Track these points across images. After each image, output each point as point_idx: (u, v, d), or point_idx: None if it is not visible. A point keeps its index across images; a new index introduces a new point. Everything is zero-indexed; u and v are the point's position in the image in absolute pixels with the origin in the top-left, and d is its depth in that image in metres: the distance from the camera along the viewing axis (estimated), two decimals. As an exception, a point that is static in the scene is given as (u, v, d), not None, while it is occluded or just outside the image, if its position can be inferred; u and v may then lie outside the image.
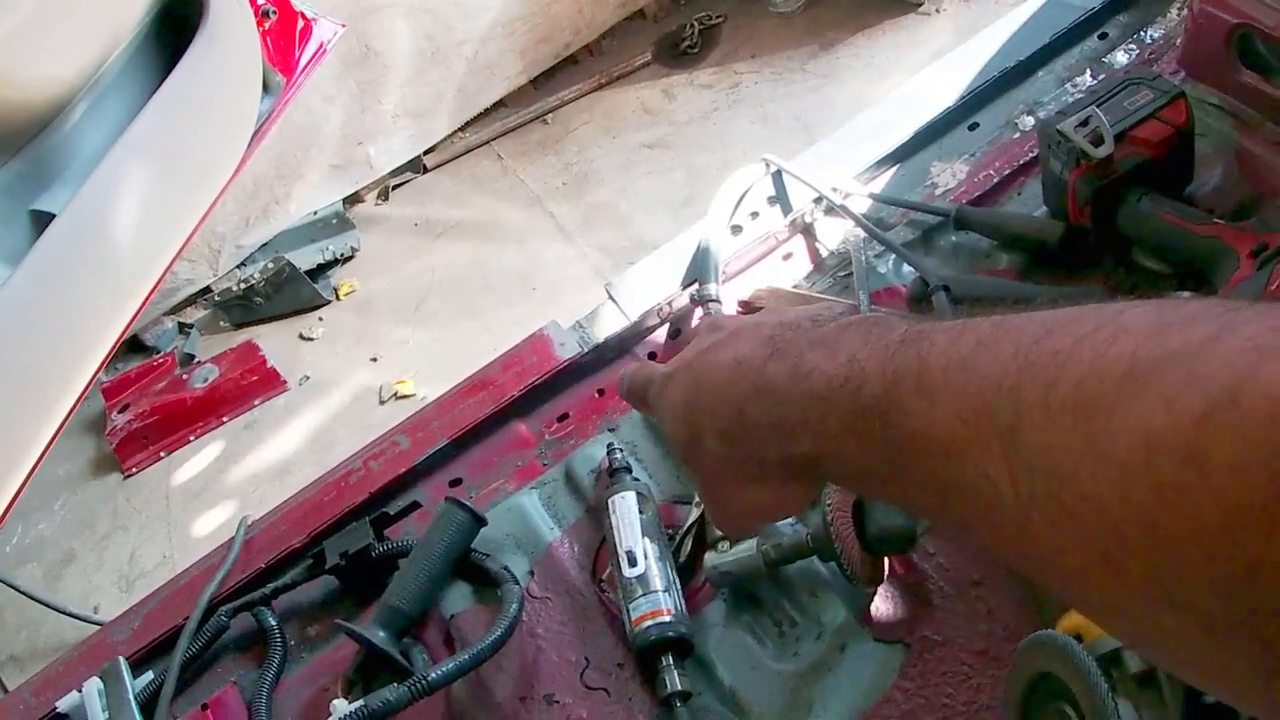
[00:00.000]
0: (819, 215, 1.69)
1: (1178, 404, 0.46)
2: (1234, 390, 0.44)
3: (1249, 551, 0.43)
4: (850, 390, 0.68)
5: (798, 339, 0.77)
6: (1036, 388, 0.54)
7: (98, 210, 1.55)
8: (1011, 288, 1.48)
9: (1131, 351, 0.50)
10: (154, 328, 4.85)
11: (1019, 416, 0.55)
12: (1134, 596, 0.50)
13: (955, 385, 0.60)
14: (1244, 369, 0.45)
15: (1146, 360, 0.49)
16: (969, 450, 0.59)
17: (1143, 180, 1.41)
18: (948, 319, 1.32)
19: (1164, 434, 0.46)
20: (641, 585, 1.28)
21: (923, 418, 0.62)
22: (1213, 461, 0.44)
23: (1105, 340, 0.52)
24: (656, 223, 4.43)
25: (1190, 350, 0.47)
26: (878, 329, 0.71)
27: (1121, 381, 0.49)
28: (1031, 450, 0.54)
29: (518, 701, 1.31)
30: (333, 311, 4.79)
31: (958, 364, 0.61)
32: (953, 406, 0.60)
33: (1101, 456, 0.49)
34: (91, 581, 4.09)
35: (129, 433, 4.36)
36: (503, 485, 1.55)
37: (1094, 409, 0.50)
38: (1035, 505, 0.54)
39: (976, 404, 0.58)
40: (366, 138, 5.04)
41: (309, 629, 1.50)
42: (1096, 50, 1.78)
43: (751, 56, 5.14)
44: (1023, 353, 0.56)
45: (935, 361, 0.63)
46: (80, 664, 1.56)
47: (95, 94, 1.67)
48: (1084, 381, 0.52)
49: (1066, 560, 0.54)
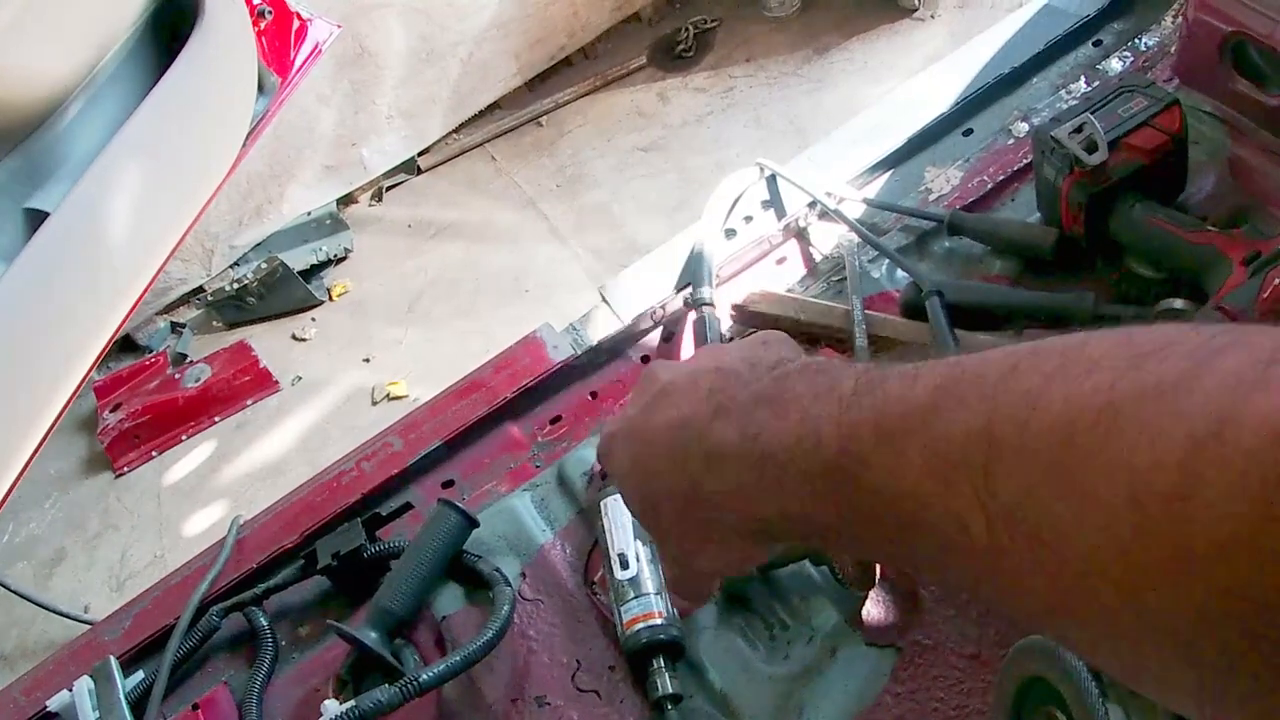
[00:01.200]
0: (813, 219, 1.70)
1: (1162, 439, 0.46)
2: (1218, 425, 0.44)
3: (1237, 584, 0.43)
4: (805, 450, 0.67)
5: (738, 394, 0.75)
6: (1009, 429, 0.53)
7: (91, 209, 1.55)
8: (1005, 294, 1.49)
9: (1108, 387, 0.49)
10: (146, 327, 4.84)
11: (992, 460, 0.54)
12: (1117, 631, 0.50)
13: (918, 433, 0.59)
14: (1227, 403, 0.44)
15: (1124, 396, 0.49)
16: (939, 496, 0.57)
17: (1136, 187, 1.41)
18: (940, 325, 1.33)
19: (1148, 471, 0.46)
20: (633, 588, 1.28)
21: (886, 470, 0.61)
22: (1200, 498, 0.44)
23: (1077, 376, 0.51)
24: (650, 225, 4.43)
25: (1170, 384, 0.47)
26: (823, 378, 0.69)
27: (1099, 418, 0.49)
28: (1007, 493, 0.53)
29: (509, 703, 1.31)
30: (326, 312, 4.79)
31: (917, 411, 0.60)
32: (918, 455, 0.59)
33: (1083, 495, 0.49)
34: (82, 581, 4.08)
35: (121, 432, 4.35)
36: (495, 487, 1.55)
37: (1072, 447, 0.50)
38: (1012, 545, 0.54)
39: (944, 450, 0.57)
40: (360, 138, 5.03)
41: (300, 629, 1.50)
42: (1091, 57, 1.78)
43: (746, 60, 5.13)
44: (989, 394, 0.56)
45: (893, 410, 0.62)
46: (70, 663, 1.55)
47: (90, 92, 1.67)
48: (1059, 420, 0.51)
49: (1045, 598, 0.54)
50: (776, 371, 0.74)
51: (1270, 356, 0.45)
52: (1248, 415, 0.43)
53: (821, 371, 0.71)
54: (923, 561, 0.64)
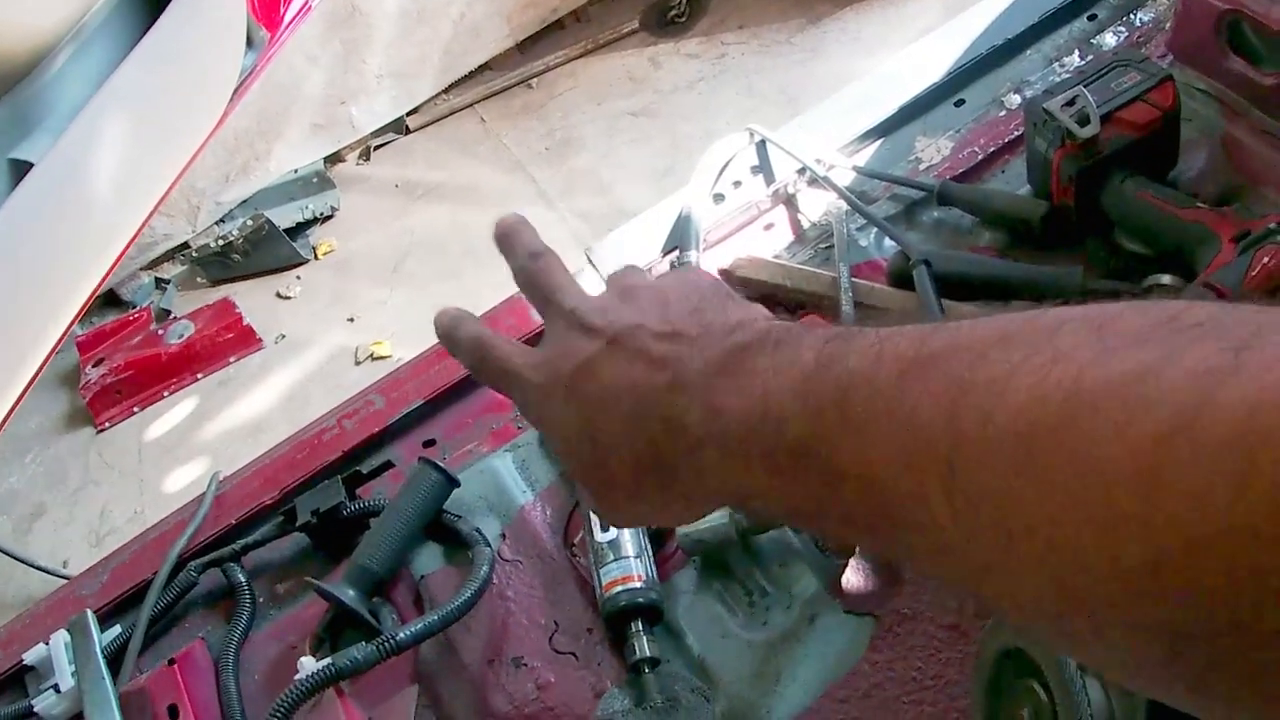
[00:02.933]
0: (802, 186, 1.69)
1: (1131, 430, 0.45)
2: (1190, 414, 0.43)
3: (1211, 577, 0.42)
4: (770, 430, 0.65)
5: (693, 362, 0.72)
6: (973, 418, 0.53)
7: (77, 160, 1.53)
8: (993, 265, 1.48)
9: (1074, 376, 0.49)
10: (130, 282, 4.83)
11: (956, 449, 0.53)
12: (1088, 621, 0.49)
13: (883, 420, 0.58)
14: (1197, 392, 0.44)
15: (1091, 387, 0.48)
16: (905, 484, 0.56)
17: (1127, 162, 1.41)
18: (927, 294, 1.32)
19: (1116, 462, 0.45)
20: (613, 551, 1.28)
21: (851, 454, 0.60)
22: (1171, 488, 0.43)
23: (1043, 365, 0.50)
24: (638, 190, 4.42)
25: (1138, 374, 0.46)
26: (784, 350, 0.68)
27: (1064, 408, 0.48)
28: (972, 483, 0.53)
29: (486, 664, 1.31)
30: (311, 270, 4.77)
31: (882, 394, 0.58)
32: (884, 442, 0.58)
33: (1049, 487, 0.48)
34: (61, 536, 4.07)
35: (103, 387, 4.34)
36: (477, 447, 1.55)
37: (1037, 438, 0.49)
38: (980, 536, 0.53)
39: (908, 438, 0.56)
40: (349, 97, 5.01)
41: (278, 586, 1.50)
42: (1085, 31, 1.77)
43: (739, 28, 5.12)
44: (954, 382, 0.55)
45: (856, 393, 0.60)
46: (47, 617, 1.55)
47: (77, 43, 1.65)
48: (1024, 410, 0.50)
49: (1015, 588, 0.53)
50: (735, 338, 0.72)
51: (1242, 341, 0.44)
52: (1219, 403, 0.43)
53: (781, 344, 0.69)
54: (892, 547, 0.63)
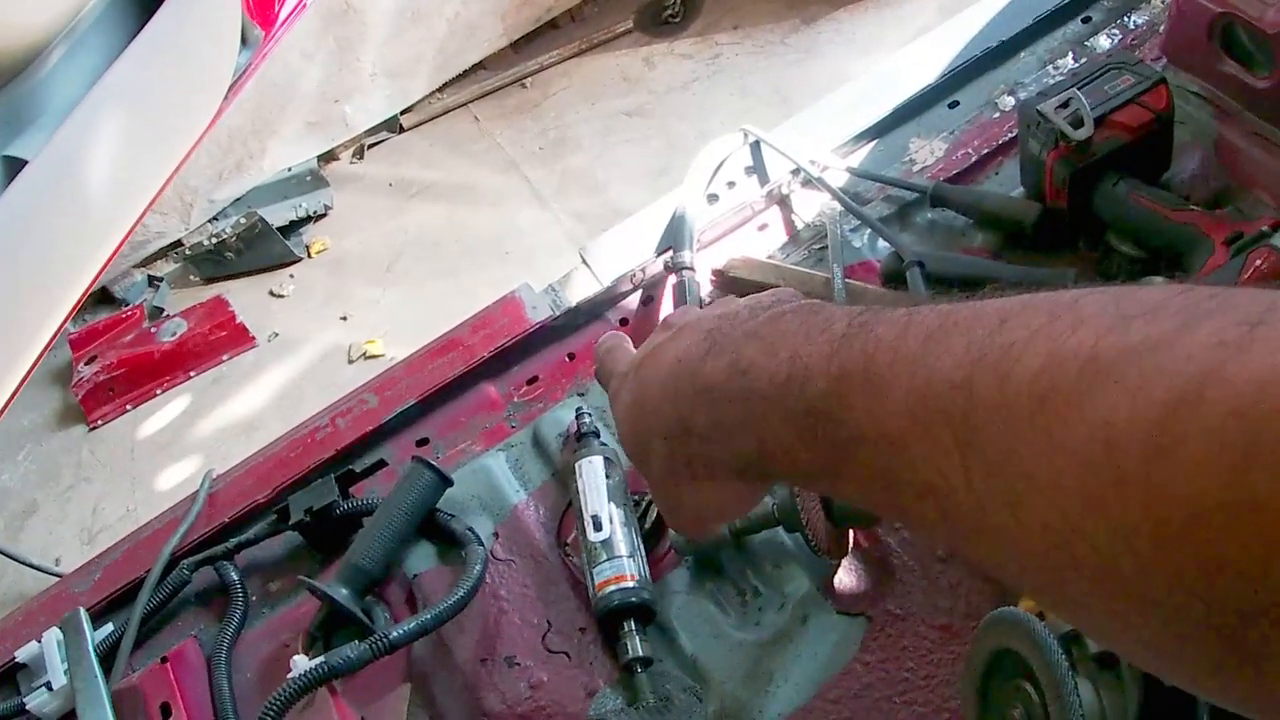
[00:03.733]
0: (796, 187, 1.69)
1: (1141, 397, 0.46)
2: (1199, 384, 0.44)
3: (1212, 548, 0.42)
4: (794, 388, 0.67)
5: (733, 331, 0.75)
6: (991, 380, 0.53)
7: (71, 158, 1.53)
8: (986, 266, 1.48)
9: (1091, 344, 0.49)
10: (123, 280, 4.82)
11: (973, 410, 0.54)
12: (1092, 589, 0.49)
13: (904, 380, 0.59)
14: (1209, 363, 0.44)
15: (1108, 352, 0.48)
16: (920, 445, 0.57)
17: (1121, 164, 1.41)
18: (920, 295, 1.32)
19: (1127, 427, 0.46)
20: (606, 550, 1.28)
21: (871, 414, 0.61)
22: (1177, 456, 0.43)
23: (1062, 332, 0.51)
24: (632, 190, 4.42)
25: (1154, 343, 0.47)
26: (816, 319, 0.69)
27: (1081, 373, 0.49)
28: (986, 444, 0.53)
29: (478, 663, 1.31)
30: (304, 269, 4.77)
31: (905, 358, 0.59)
32: (903, 402, 0.59)
33: (1060, 450, 0.49)
34: (53, 533, 4.07)
35: (95, 384, 4.33)
36: (470, 446, 1.55)
37: (1052, 401, 0.49)
38: (991, 499, 0.53)
39: (927, 399, 0.57)
40: (344, 96, 5.00)
41: (271, 585, 1.50)
42: (1080, 33, 1.78)
43: (733, 28, 5.12)
44: (975, 346, 0.55)
45: (882, 356, 0.61)
46: (40, 614, 1.55)
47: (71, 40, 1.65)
48: (1041, 374, 0.51)
49: (1023, 553, 0.53)
50: (772, 310, 0.74)
51: (1257, 318, 0.44)
52: (1230, 375, 0.43)
53: (815, 312, 0.71)
54: (904, 512, 0.63)
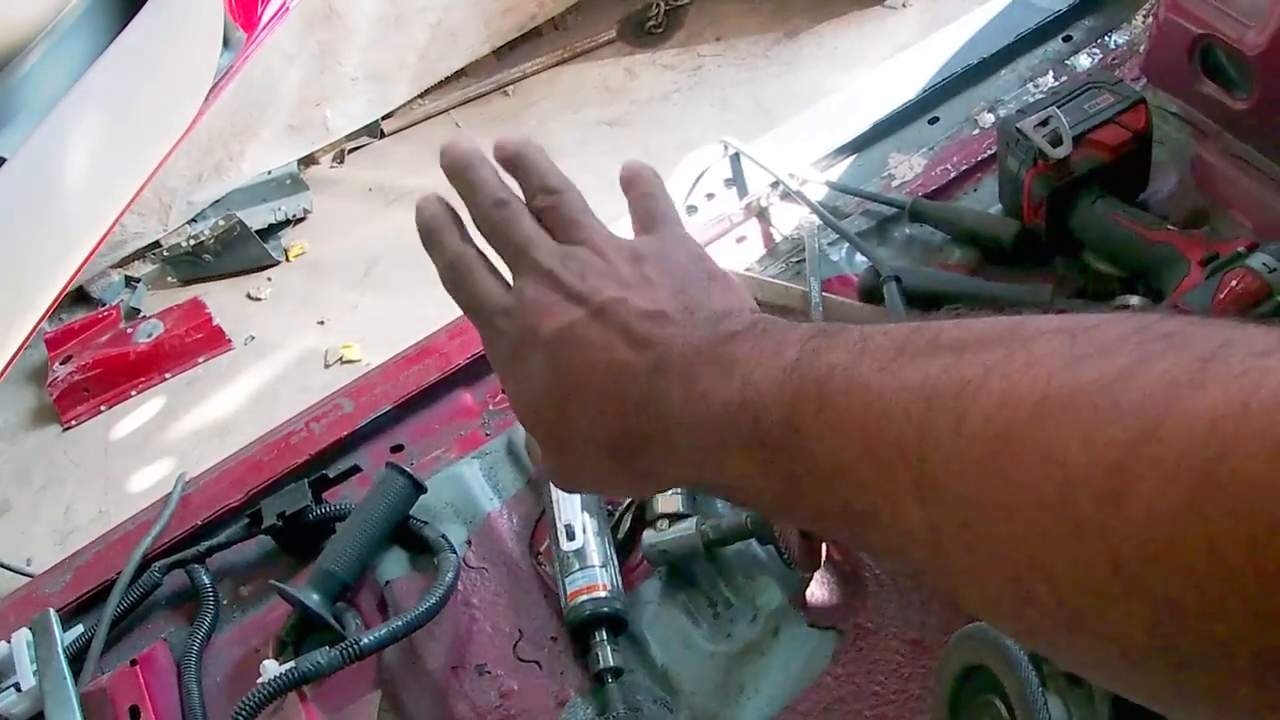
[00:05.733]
0: (775, 200, 1.70)
1: (1096, 438, 0.46)
2: (1153, 425, 0.44)
3: (1168, 590, 0.43)
4: (748, 417, 0.65)
5: (677, 343, 0.71)
6: (946, 419, 0.53)
7: (49, 157, 1.52)
8: (963, 283, 1.49)
9: (1044, 383, 0.49)
10: (100, 280, 4.80)
11: (928, 448, 0.54)
12: (1050, 623, 0.50)
13: (859, 413, 0.58)
14: (1162, 402, 0.44)
15: (1060, 392, 0.48)
16: (877, 480, 0.57)
17: (1098, 183, 1.42)
18: (898, 310, 1.32)
19: (1082, 469, 0.46)
20: (578, 560, 1.28)
21: (827, 446, 0.60)
22: (1132, 498, 0.44)
23: (1016, 370, 0.51)
24: (611, 200, 4.38)
25: (1106, 382, 0.47)
26: (768, 341, 0.68)
27: (1034, 413, 0.49)
28: (942, 482, 0.53)
29: (449, 671, 1.30)
30: (282, 272, 4.75)
31: (860, 388, 0.59)
32: (858, 435, 0.58)
33: (1016, 489, 0.49)
34: (25, 533, 4.04)
35: (70, 384, 4.31)
36: (444, 453, 1.55)
37: (1006, 441, 0.50)
38: (948, 535, 0.54)
39: (883, 433, 0.57)
40: (325, 99, 4.99)
41: (242, 589, 1.50)
42: (1060, 52, 1.79)
43: (716, 40, 5.13)
44: (930, 381, 0.55)
45: (836, 385, 0.60)
46: (10, 614, 1.54)
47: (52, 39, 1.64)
48: (995, 414, 0.51)
49: (982, 589, 0.53)
50: (722, 327, 0.71)
51: (1209, 354, 0.45)
52: (1182, 414, 0.43)
53: (767, 333, 0.69)
54: (866, 544, 0.63)
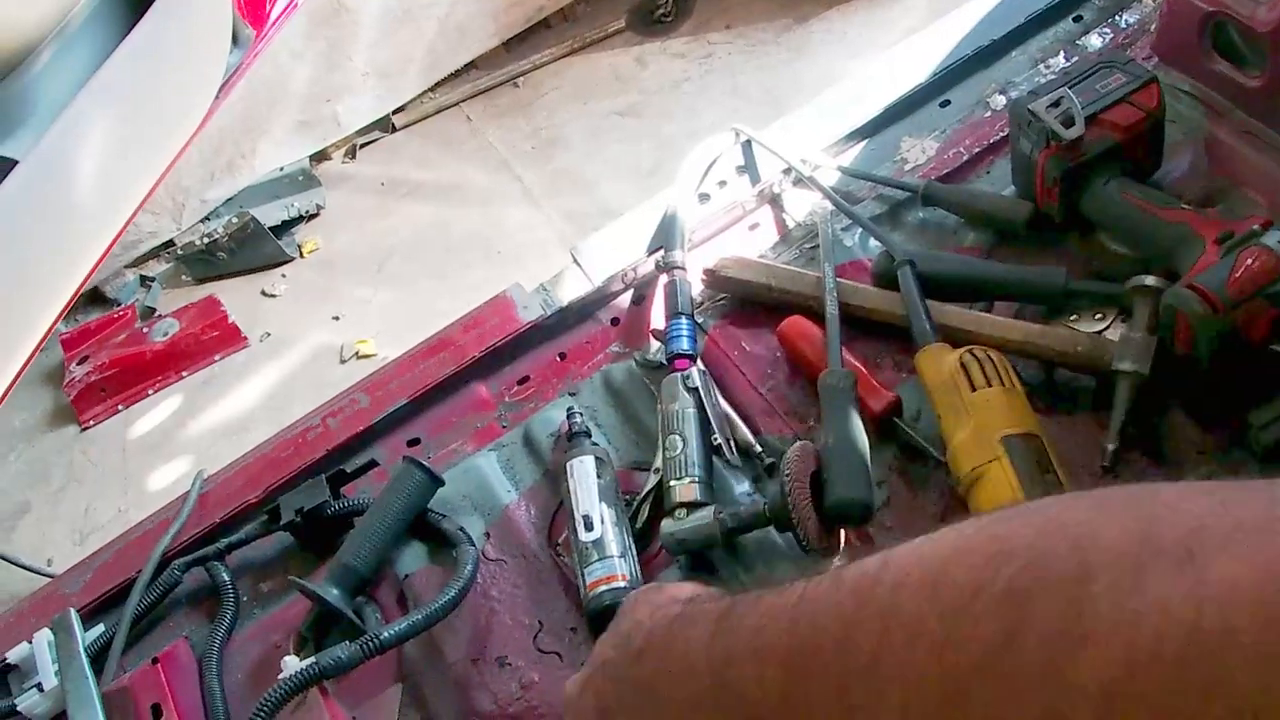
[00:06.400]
0: (787, 186, 1.69)
1: None
2: (1053, 702, 0.45)
3: None
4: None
5: (611, 683, 0.80)
6: (867, 714, 0.55)
7: (61, 158, 1.53)
8: (977, 266, 1.49)
9: (936, 662, 0.51)
10: (115, 280, 4.81)
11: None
12: None
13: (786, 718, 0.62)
14: (1054, 672, 0.46)
15: (957, 673, 0.50)
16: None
17: (1112, 163, 1.41)
18: (912, 295, 1.32)
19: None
20: (597, 550, 1.28)
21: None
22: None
23: (900, 648, 0.53)
24: (622, 191, 4.42)
25: (994, 654, 0.48)
26: (678, 660, 0.73)
27: (942, 702, 0.50)
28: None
29: (470, 663, 1.31)
30: (295, 269, 4.76)
31: (777, 694, 0.62)
32: None
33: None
34: (45, 534, 4.05)
35: (87, 385, 4.32)
36: (461, 446, 1.55)
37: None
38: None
39: None
40: (335, 95, 4.99)
41: (262, 585, 1.50)
42: (1071, 32, 1.78)
43: (725, 28, 5.12)
44: (834, 673, 0.58)
45: (754, 695, 0.64)
46: (31, 615, 1.55)
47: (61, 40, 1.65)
48: (906, 704, 0.52)
49: None
50: (631, 646, 0.79)
51: (1075, 601, 0.46)
52: (1076, 684, 0.45)
53: (669, 644, 0.75)
54: None
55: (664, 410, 1.39)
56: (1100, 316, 1.35)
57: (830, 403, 1.32)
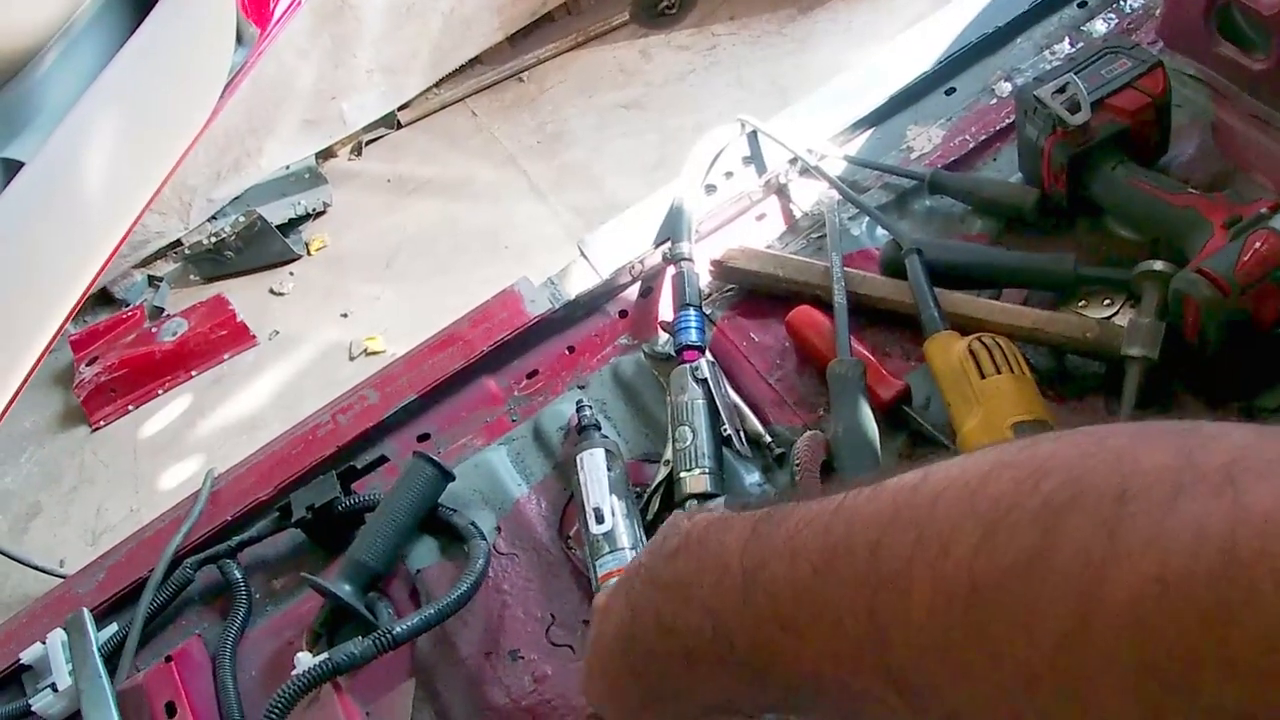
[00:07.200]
0: (794, 176, 1.69)
1: (1033, 631, 0.47)
2: (1083, 610, 0.45)
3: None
4: (723, 645, 0.69)
5: (640, 584, 0.79)
6: (891, 618, 0.55)
7: (68, 159, 1.53)
8: (984, 253, 1.48)
9: (966, 570, 0.50)
10: (123, 280, 4.82)
11: (886, 650, 0.56)
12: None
13: (815, 624, 0.61)
14: (1085, 583, 0.45)
15: (985, 578, 0.50)
16: (854, 681, 0.59)
17: (1118, 148, 1.41)
18: (920, 284, 1.31)
19: (1028, 662, 0.47)
20: (608, 542, 1.28)
21: (798, 657, 0.63)
22: (1084, 686, 0.45)
23: (935, 557, 0.52)
24: (629, 184, 4.42)
25: (1024, 564, 0.48)
26: (709, 556, 0.72)
27: (969, 607, 0.50)
28: (912, 679, 0.55)
29: (482, 657, 1.31)
30: (303, 267, 4.76)
31: (807, 597, 0.61)
32: (822, 648, 0.61)
33: (978, 682, 0.51)
34: (57, 535, 4.07)
35: (97, 385, 4.33)
36: (471, 441, 1.55)
37: (953, 637, 0.51)
38: (931, 716, 0.56)
39: (842, 642, 0.59)
40: (340, 93, 5.00)
41: (274, 582, 1.50)
42: (1075, 18, 1.77)
43: (730, 19, 5.11)
44: (862, 580, 0.57)
45: (784, 595, 0.63)
46: (44, 615, 1.55)
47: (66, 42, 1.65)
48: (933, 608, 0.52)
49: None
50: (665, 547, 0.78)
51: (1112, 515, 0.45)
52: (1107, 596, 0.44)
53: (704, 544, 0.73)
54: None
55: (673, 402, 1.39)
56: (1109, 302, 1.35)
57: (839, 392, 1.32)
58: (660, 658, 0.76)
